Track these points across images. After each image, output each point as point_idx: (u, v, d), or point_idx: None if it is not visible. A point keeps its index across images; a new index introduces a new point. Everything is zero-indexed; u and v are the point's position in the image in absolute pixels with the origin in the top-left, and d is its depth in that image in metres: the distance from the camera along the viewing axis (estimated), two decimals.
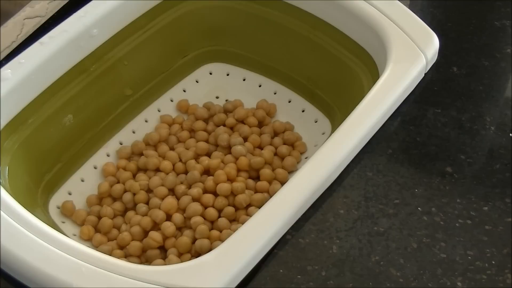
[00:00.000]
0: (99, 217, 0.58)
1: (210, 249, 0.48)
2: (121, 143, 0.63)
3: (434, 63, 0.57)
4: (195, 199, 0.57)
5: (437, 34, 0.57)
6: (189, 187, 0.58)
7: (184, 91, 0.67)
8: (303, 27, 0.63)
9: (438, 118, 0.55)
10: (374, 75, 0.57)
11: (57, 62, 0.56)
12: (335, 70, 0.62)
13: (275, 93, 0.66)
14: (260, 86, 0.67)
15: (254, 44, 0.66)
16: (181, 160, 0.61)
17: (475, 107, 0.57)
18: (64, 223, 0.57)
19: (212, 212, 0.56)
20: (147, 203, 0.58)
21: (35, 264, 0.44)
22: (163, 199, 0.57)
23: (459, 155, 0.53)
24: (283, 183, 0.57)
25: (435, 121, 0.55)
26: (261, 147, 0.62)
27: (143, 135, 0.64)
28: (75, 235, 0.57)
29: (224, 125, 0.63)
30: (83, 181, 0.61)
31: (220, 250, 0.45)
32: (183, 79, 0.67)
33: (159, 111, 0.66)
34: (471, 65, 0.60)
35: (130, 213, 0.58)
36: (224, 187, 0.57)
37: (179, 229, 0.56)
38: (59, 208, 0.58)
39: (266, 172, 0.59)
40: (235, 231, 0.46)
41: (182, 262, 0.51)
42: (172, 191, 0.58)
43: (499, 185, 0.52)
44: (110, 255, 0.50)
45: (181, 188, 0.58)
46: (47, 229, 0.46)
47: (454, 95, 0.57)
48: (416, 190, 0.51)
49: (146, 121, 0.65)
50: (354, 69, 0.60)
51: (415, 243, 0.48)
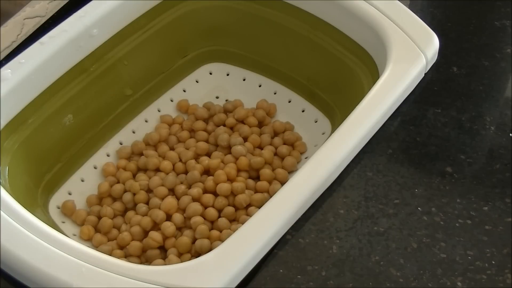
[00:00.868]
0: (99, 217, 0.58)
1: (210, 249, 0.48)
2: (121, 143, 0.63)
3: (434, 63, 0.57)
4: (195, 199, 0.57)
5: (437, 34, 0.57)
6: (189, 187, 0.58)
7: (184, 91, 0.67)
8: (303, 27, 0.63)
9: (438, 118, 0.55)
10: (374, 75, 0.57)
11: (57, 62, 0.56)
12: (335, 70, 0.62)
13: (275, 93, 0.66)
14: (260, 86, 0.67)
15: (254, 44, 0.66)
16: (181, 160, 0.61)
17: (475, 107, 0.56)
18: (64, 223, 0.57)
19: (212, 212, 0.56)
20: (147, 203, 0.58)
21: (35, 264, 0.44)
22: (163, 199, 0.57)
23: (459, 155, 0.53)
24: (283, 183, 0.57)
25: (435, 121, 0.55)
26: (261, 147, 0.62)
27: (143, 135, 0.64)
28: (75, 235, 0.57)
29: (224, 125, 0.63)
30: (83, 181, 0.61)
31: (220, 250, 0.45)
32: (183, 79, 0.67)
33: (159, 111, 0.66)
34: (471, 65, 0.60)
35: (130, 213, 0.58)
36: (224, 187, 0.57)
37: (179, 229, 0.56)
38: (59, 208, 0.58)
39: (266, 172, 0.59)
40: (235, 231, 0.46)
41: (182, 262, 0.51)
42: (172, 191, 0.58)
43: (499, 185, 0.51)
44: (110, 255, 0.50)
45: (181, 188, 0.58)
46: (47, 229, 0.46)
47: (454, 95, 0.57)
48: (416, 190, 0.51)
49: (146, 121, 0.65)
50: (354, 69, 0.60)
51: (415, 243, 0.48)
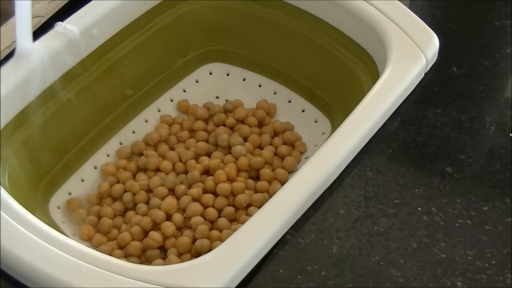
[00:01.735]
0: (99, 217, 0.58)
1: (210, 249, 0.48)
2: (121, 143, 0.63)
3: (434, 63, 0.57)
4: (195, 199, 0.57)
5: (437, 34, 0.57)
6: (189, 187, 0.58)
7: (184, 91, 0.67)
8: (303, 27, 0.63)
9: (438, 118, 0.55)
10: (374, 75, 0.57)
11: (57, 62, 0.56)
12: (335, 70, 0.62)
13: (275, 93, 0.66)
14: (260, 86, 0.67)
15: (254, 44, 0.66)
16: (181, 160, 0.61)
17: (475, 107, 0.56)
18: (64, 223, 0.57)
19: (212, 212, 0.56)
20: (147, 203, 0.58)
21: (35, 264, 0.44)
22: (163, 199, 0.57)
23: (459, 155, 0.53)
24: (283, 183, 0.57)
25: (435, 121, 0.55)
26: (261, 147, 0.62)
27: (143, 135, 0.64)
28: (75, 235, 0.57)
29: (224, 125, 0.63)
30: (83, 181, 0.61)
31: (220, 250, 0.45)
32: (183, 79, 0.67)
33: (159, 111, 0.66)
34: (471, 65, 0.60)
35: (130, 213, 0.58)
36: (224, 187, 0.57)
37: (179, 229, 0.56)
38: (59, 208, 0.58)
39: (266, 172, 0.59)
40: (235, 231, 0.46)
41: (182, 262, 0.51)
42: (172, 191, 0.58)
43: (499, 185, 0.51)
44: (110, 255, 0.50)
45: (181, 188, 0.58)
46: (47, 229, 0.46)
47: (454, 95, 0.57)
48: (416, 190, 0.51)
49: (146, 121, 0.65)
50: (354, 69, 0.60)
51: (415, 243, 0.48)
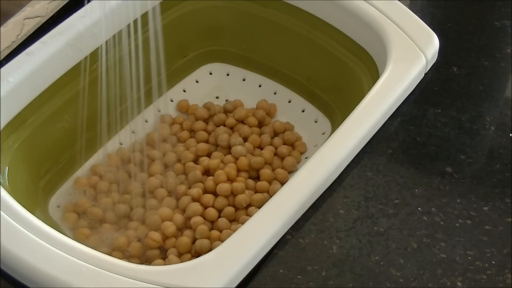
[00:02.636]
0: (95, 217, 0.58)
1: (210, 249, 0.48)
2: (121, 143, 0.63)
3: (434, 63, 0.57)
4: (195, 199, 0.57)
5: (437, 34, 0.57)
6: (189, 187, 0.58)
7: (184, 91, 0.67)
8: (303, 27, 0.63)
9: (438, 118, 0.55)
10: (374, 75, 0.57)
11: (57, 62, 0.56)
12: (335, 70, 0.62)
13: (275, 93, 0.66)
14: (260, 86, 0.67)
15: (254, 44, 0.66)
16: (180, 161, 0.61)
17: (475, 107, 0.56)
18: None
19: (212, 212, 0.56)
20: (145, 205, 0.58)
21: (35, 264, 0.44)
22: (162, 200, 0.57)
23: (459, 155, 0.53)
24: (283, 183, 0.57)
25: (435, 121, 0.55)
26: (261, 147, 0.62)
27: (143, 135, 0.64)
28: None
29: (224, 125, 0.63)
30: None
31: (220, 250, 0.45)
32: (183, 79, 0.67)
33: (159, 111, 0.66)
34: (471, 65, 0.60)
35: (127, 218, 0.58)
36: (224, 187, 0.57)
37: (179, 229, 0.56)
38: (59, 207, 0.58)
39: (266, 172, 0.59)
40: (235, 231, 0.46)
41: (182, 262, 0.51)
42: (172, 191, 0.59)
43: (499, 185, 0.51)
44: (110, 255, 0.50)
45: (182, 188, 0.58)
46: (47, 229, 0.46)
47: (454, 95, 0.57)
48: (416, 190, 0.51)
49: (146, 121, 0.65)
50: (354, 69, 0.60)
51: (415, 243, 0.48)
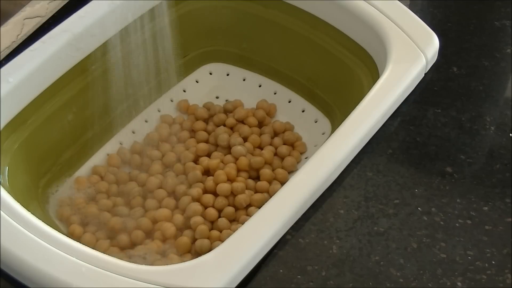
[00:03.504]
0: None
1: (210, 249, 0.48)
2: (121, 143, 0.63)
3: (434, 63, 0.57)
4: (195, 199, 0.57)
5: (437, 34, 0.57)
6: (189, 187, 0.58)
7: (184, 91, 0.67)
8: (303, 27, 0.63)
9: (438, 118, 0.55)
10: (374, 75, 0.57)
11: (57, 62, 0.56)
12: (335, 70, 0.62)
13: (275, 93, 0.66)
14: (260, 86, 0.67)
15: (254, 44, 0.66)
16: (180, 161, 0.61)
17: (475, 107, 0.56)
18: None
19: (212, 212, 0.56)
20: (144, 205, 0.58)
21: (35, 264, 0.44)
22: (161, 200, 0.57)
23: (459, 155, 0.53)
24: (283, 183, 0.57)
25: (435, 121, 0.55)
26: (261, 147, 0.62)
27: (143, 135, 0.64)
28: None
29: (224, 125, 0.63)
30: None
31: (220, 250, 0.45)
32: (183, 79, 0.67)
33: (159, 111, 0.66)
34: (471, 65, 0.60)
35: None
36: (224, 187, 0.57)
37: (179, 229, 0.56)
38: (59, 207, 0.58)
39: (266, 172, 0.59)
40: (235, 231, 0.46)
41: (182, 262, 0.51)
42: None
43: (499, 185, 0.51)
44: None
45: (182, 188, 0.58)
46: (47, 229, 0.46)
47: (454, 95, 0.57)
48: (416, 190, 0.51)
49: (146, 121, 0.65)
50: (354, 69, 0.60)
51: (415, 243, 0.48)
